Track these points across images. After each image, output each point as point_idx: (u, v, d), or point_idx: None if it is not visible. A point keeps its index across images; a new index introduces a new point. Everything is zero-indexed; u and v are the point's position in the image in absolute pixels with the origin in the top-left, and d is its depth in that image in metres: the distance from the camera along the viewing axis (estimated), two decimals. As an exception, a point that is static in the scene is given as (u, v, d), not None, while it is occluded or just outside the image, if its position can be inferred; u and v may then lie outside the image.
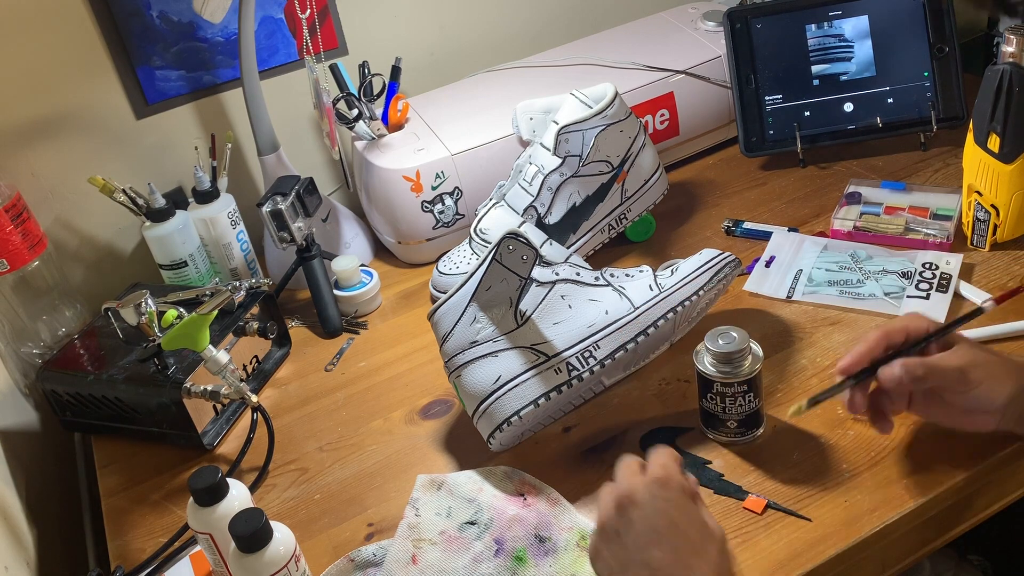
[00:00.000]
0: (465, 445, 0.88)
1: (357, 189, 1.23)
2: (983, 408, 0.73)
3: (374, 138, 1.15)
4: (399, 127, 1.18)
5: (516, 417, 0.81)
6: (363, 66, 1.15)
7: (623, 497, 0.65)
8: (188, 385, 0.90)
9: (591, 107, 1.04)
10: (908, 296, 0.94)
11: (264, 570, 0.67)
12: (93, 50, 1.10)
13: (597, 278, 0.88)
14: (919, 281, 0.95)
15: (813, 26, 1.17)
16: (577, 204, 1.04)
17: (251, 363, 1.02)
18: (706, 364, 0.79)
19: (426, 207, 1.12)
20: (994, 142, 0.92)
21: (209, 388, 0.91)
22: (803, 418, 0.83)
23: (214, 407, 0.96)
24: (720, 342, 0.78)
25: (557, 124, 1.03)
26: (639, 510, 0.64)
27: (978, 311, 0.76)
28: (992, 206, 0.96)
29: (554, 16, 1.37)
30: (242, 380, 0.94)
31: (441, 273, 1.08)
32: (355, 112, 1.13)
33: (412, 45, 1.29)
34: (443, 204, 1.12)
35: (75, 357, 0.99)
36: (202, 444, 0.93)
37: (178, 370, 0.92)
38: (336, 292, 1.09)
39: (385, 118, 1.17)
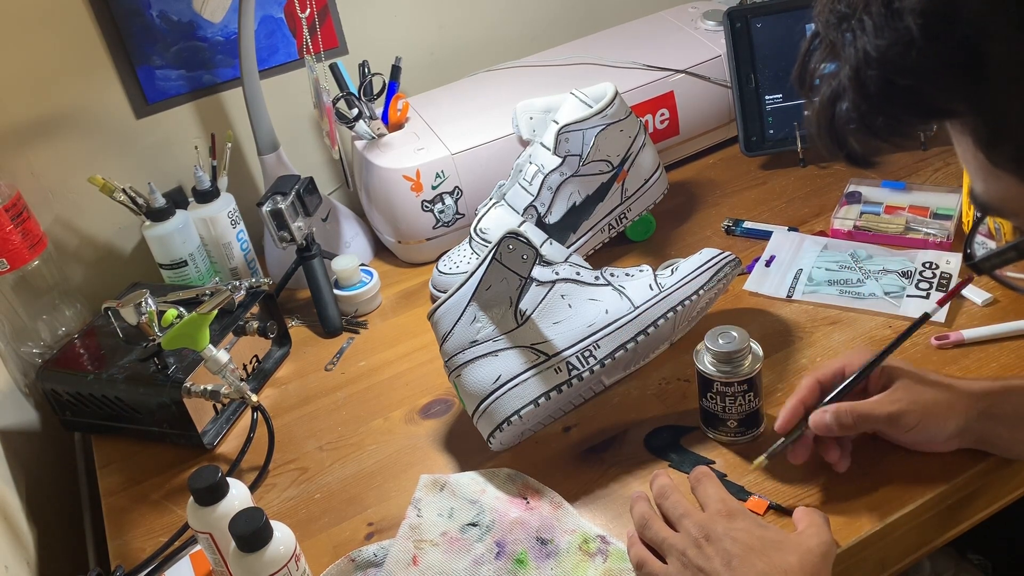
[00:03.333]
0: (465, 445, 0.88)
1: (357, 189, 1.23)
2: (931, 442, 0.74)
3: (374, 137, 1.15)
4: (399, 127, 1.18)
5: (516, 416, 0.81)
6: (363, 65, 1.15)
7: (698, 537, 0.68)
8: (188, 384, 0.90)
9: (591, 106, 1.04)
10: (908, 296, 0.94)
11: (264, 569, 0.67)
12: (93, 50, 1.10)
13: (597, 277, 0.88)
14: (919, 280, 0.95)
15: (813, 25, 1.17)
16: (577, 203, 1.04)
17: (251, 363, 1.02)
18: (706, 363, 0.79)
19: (426, 206, 1.12)
20: (994, 141, 0.92)
21: (209, 388, 0.91)
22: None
23: (214, 407, 0.96)
24: (720, 341, 0.78)
25: (557, 123, 1.03)
26: (715, 545, 0.67)
27: (924, 317, 0.75)
28: (992, 205, 0.96)
29: (554, 15, 1.37)
30: (242, 380, 0.94)
31: (441, 272, 1.08)
32: (355, 111, 1.13)
33: (412, 44, 1.29)
34: (443, 203, 1.12)
35: (75, 357, 0.99)
36: (202, 443, 0.93)
37: (178, 369, 0.92)
38: (336, 291, 1.09)
39: (385, 117, 1.17)
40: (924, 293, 0.93)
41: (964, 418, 0.72)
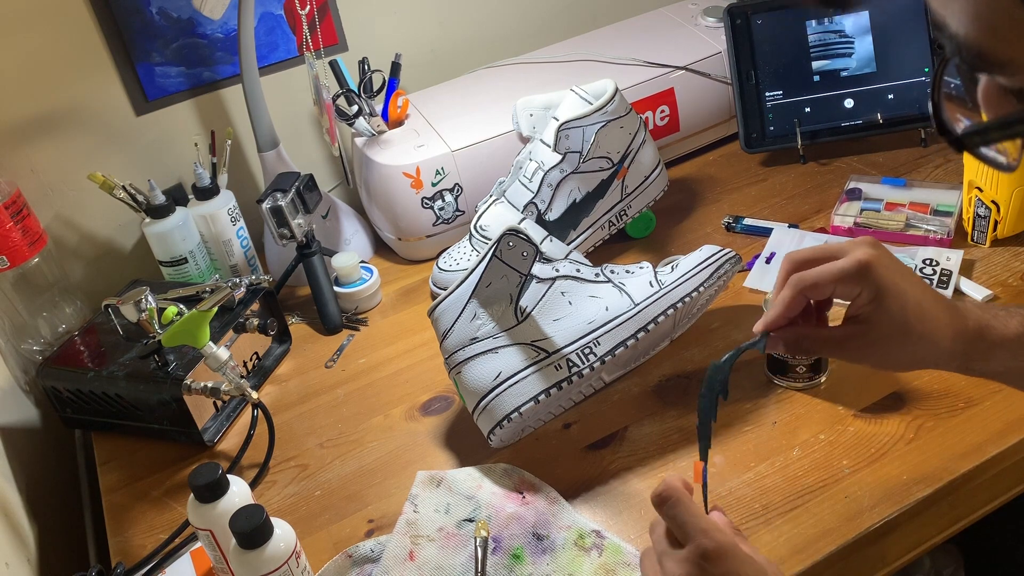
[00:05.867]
0: (465, 442, 0.88)
1: (357, 185, 1.23)
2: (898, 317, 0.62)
3: (374, 134, 1.15)
4: (399, 123, 1.18)
5: (516, 413, 0.81)
6: (363, 62, 1.15)
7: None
8: (188, 382, 0.90)
9: (591, 103, 1.04)
10: (908, 292, 0.94)
11: (265, 567, 0.67)
12: (93, 47, 1.10)
13: (597, 274, 0.88)
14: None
15: (813, 22, 1.17)
16: (577, 200, 1.04)
17: (251, 360, 1.02)
18: None
19: (426, 203, 1.12)
20: (995, 138, 0.92)
21: (209, 385, 0.91)
22: (804, 415, 0.83)
23: (214, 404, 0.96)
24: None
25: (557, 120, 1.02)
26: None
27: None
28: (992, 202, 0.96)
29: (554, 12, 1.37)
30: (242, 377, 0.94)
31: (441, 270, 1.08)
32: (355, 108, 1.13)
33: (412, 41, 1.28)
34: (443, 200, 1.12)
35: (75, 354, 0.99)
36: (202, 441, 0.93)
37: (178, 367, 0.92)
38: (336, 289, 1.09)
39: (385, 114, 1.17)
40: (924, 290, 0.93)
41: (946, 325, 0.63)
